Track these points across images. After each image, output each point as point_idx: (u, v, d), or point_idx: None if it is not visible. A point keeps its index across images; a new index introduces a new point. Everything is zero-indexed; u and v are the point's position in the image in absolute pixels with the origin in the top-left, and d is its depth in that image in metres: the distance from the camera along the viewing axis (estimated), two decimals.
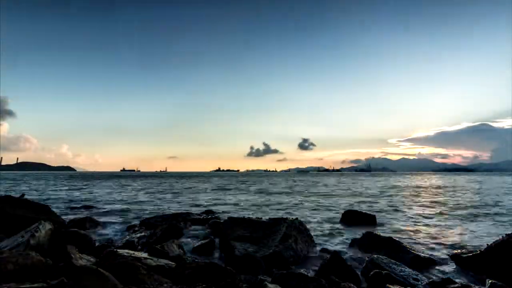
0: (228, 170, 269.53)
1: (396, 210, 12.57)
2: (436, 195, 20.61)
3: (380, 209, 12.87)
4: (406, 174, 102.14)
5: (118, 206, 13.51)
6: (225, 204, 15.19)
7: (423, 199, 17.43)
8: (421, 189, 27.29)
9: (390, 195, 20.21)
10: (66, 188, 27.03)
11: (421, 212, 12.07)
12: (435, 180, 52.01)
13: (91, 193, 21.13)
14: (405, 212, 12.11)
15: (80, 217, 9.57)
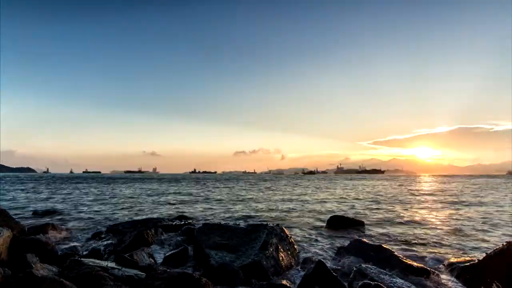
0: (204, 172, 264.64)
1: (387, 215, 12.44)
2: (429, 198, 20.51)
3: (369, 214, 12.74)
4: (397, 176, 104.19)
5: (83, 211, 13.10)
6: (200, 209, 14.88)
7: (416, 203, 17.35)
8: (414, 191, 27.22)
9: (381, 198, 20.07)
10: (26, 191, 25.87)
11: (414, 217, 11.92)
12: (428, 182, 52.77)
13: (54, 197, 20.34)
14: (397, 217, 11.92)
15: (42, 223, 9.26)
